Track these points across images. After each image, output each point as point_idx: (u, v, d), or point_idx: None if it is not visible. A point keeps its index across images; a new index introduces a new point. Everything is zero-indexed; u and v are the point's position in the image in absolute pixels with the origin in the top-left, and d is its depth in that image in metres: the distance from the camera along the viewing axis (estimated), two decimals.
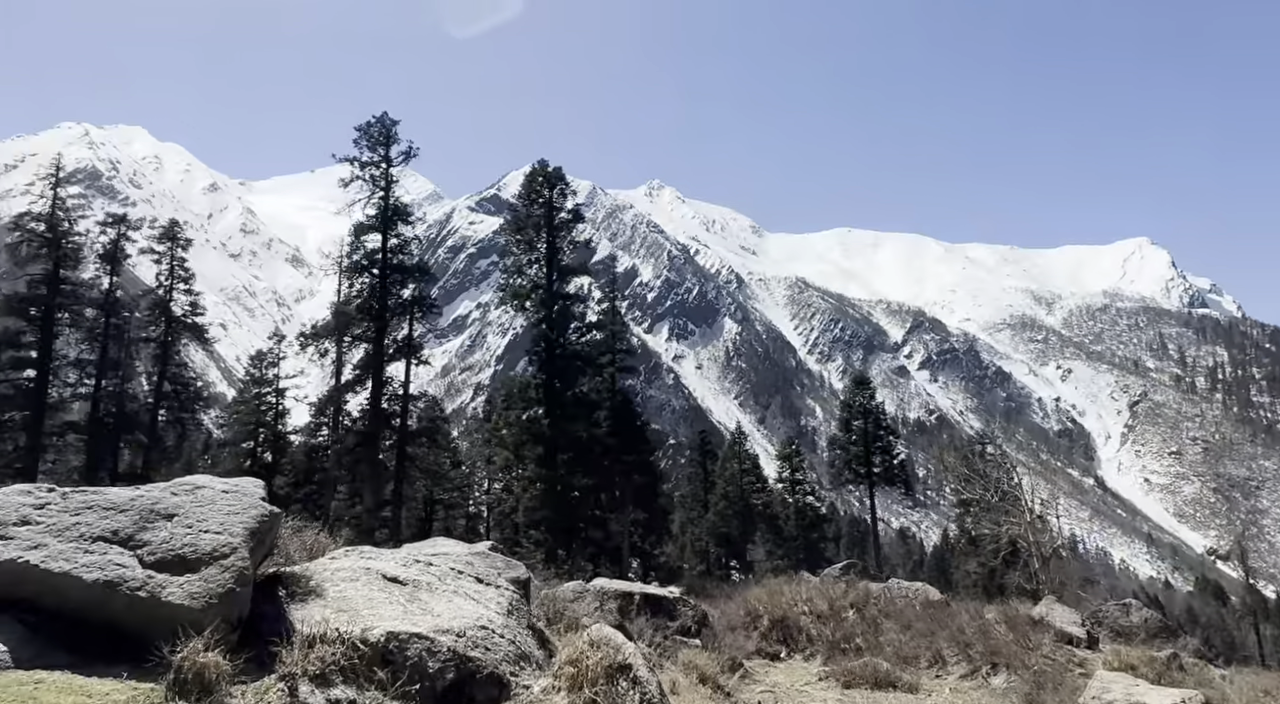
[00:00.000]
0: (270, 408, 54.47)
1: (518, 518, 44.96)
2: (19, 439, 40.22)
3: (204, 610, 5.00)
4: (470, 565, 7.52)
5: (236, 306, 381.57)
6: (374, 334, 36.18)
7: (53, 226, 39.81)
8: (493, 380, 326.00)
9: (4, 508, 5.38)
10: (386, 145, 35.14)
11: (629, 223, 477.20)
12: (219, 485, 5.98)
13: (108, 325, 41.67)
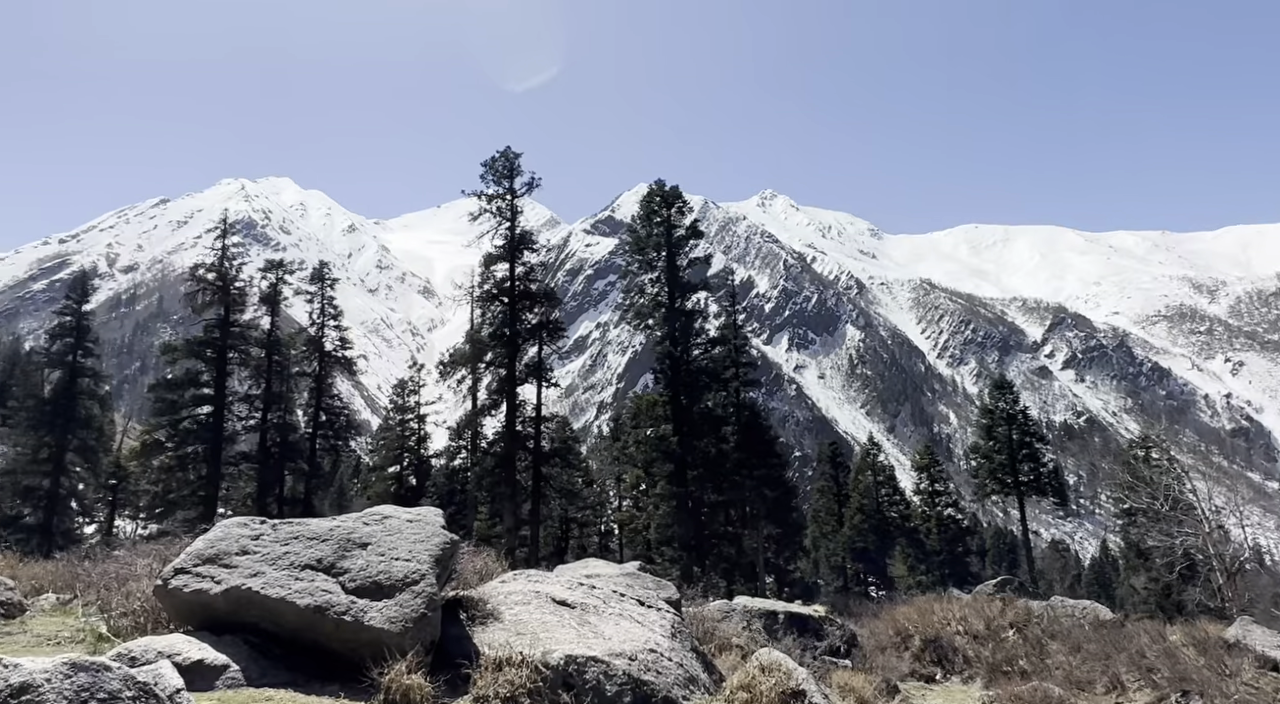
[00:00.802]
0: (413, 433, 57.71)
1: (650, 535, 45.31)
2: (201, 469, 44.36)
3: (401, 634, 5.36)
4: (630, 587, 7.69)
5: (376, 338, 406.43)
6: (506, 359, 37.64)
7: (221, 275, 44.01)
8: (615, 398, 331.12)
9: (226, 539, 5.99)
10: (510, 177, 36.66)
11: (742, 234, 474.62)
12: (404, 515, 6.42)
13: (270, 362, 45.44)
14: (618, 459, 48.99)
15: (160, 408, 43.95)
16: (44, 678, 2.92)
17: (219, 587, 5.63)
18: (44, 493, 47.45)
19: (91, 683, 3.03)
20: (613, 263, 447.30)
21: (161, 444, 43.48)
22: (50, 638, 6.88)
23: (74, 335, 49.02)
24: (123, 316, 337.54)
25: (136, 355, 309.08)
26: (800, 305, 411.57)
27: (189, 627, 6.05)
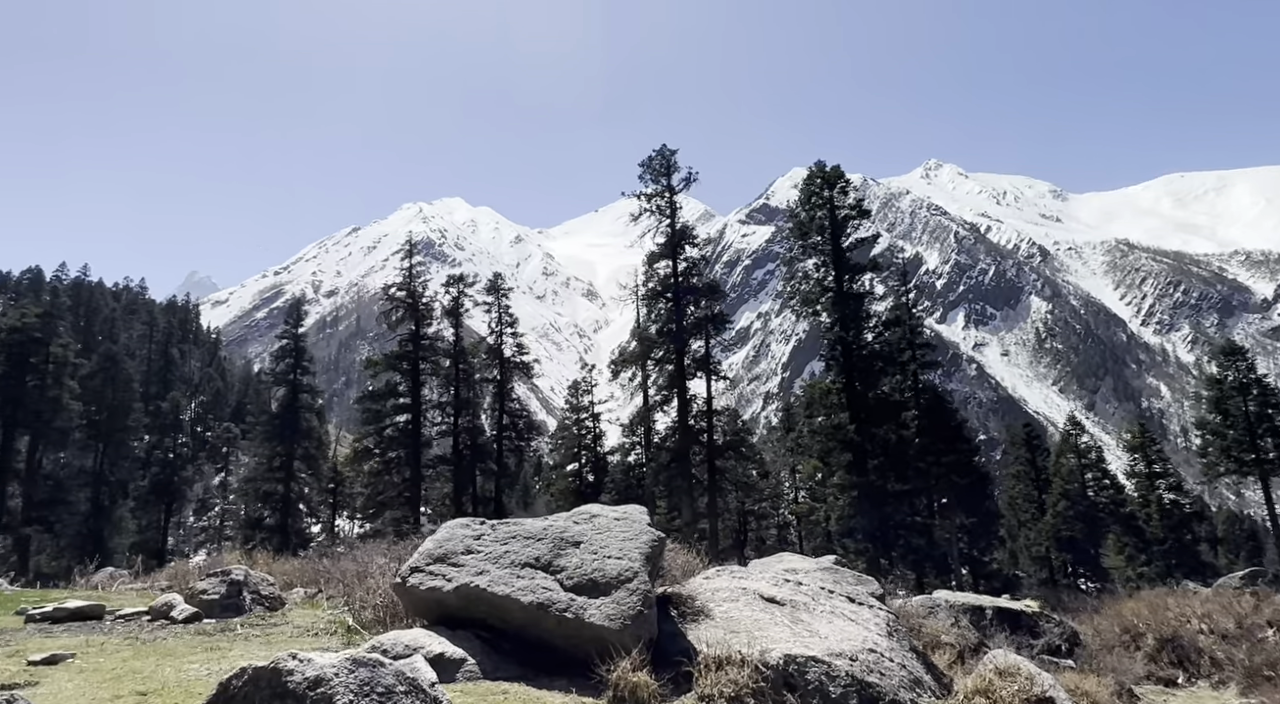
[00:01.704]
0: (588, 432, 59.73)
1: (830, 526, 44.13)
2: (404, 472, 48.36)
3: (621, 631, 5.46)
4: (837, 583, 7.42)
5: (546, 342, 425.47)
6: (674, 355, 38.06)
7: (411, 293, 47.85)
8: (781, 388, 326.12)
9: (452, 540, 6.38)
10: (668, 175, 36.97)
11: (906, 210, 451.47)
12: (611, 513, 6.55)
13: (457, 371, 48.76)
14: (792, 450, 48.10)
15: (367, 417, 48.47)
16: (333, 672, 3.19)
17: (450, 584, 6.01)
18: (279, 497, 53.63)
19: (370, 677, 3.28)
20: (770, 251, 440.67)
21: (370, 450, 47.89)
22: (308, 629, 7.68)
23: (293, 356, 55.14)
24: (328, 337, 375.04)
25: (341, 371, 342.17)
26: (976, 279, 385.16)
27: (424, 621, 6.51)
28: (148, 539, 59.99)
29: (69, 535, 51.80)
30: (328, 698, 3.12)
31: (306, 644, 6.79)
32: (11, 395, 46.83)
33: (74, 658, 5.76)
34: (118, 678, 5.17)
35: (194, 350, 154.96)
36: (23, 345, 46.74)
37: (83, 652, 6.01)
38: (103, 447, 55.54)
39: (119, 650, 6.24)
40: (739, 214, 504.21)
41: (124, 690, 4.82)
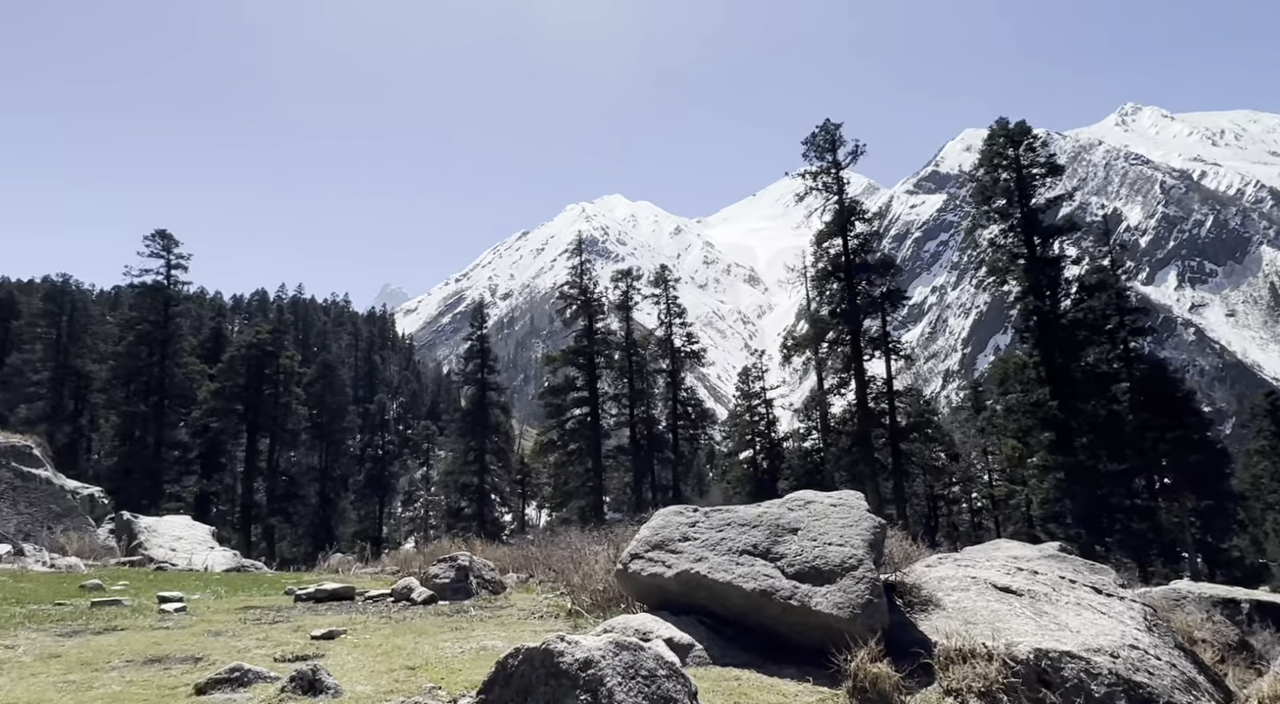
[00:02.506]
0: (761, 418, 59.19)
1: (1031, 511, 40.95)
2: (586, 463, 50.34)
3: (850, 620, 5.30)
4: (1078, 572, 6.82)
5: (710, 330, 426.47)
6: (848, 335, 36.81)
7: (583, 290, 49.70)
8: (961, 366, 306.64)
9: (668, 527, 6.49)
10: (833, 150, 35.74)
11: (1099, 162, 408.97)
12: (826, 500, 6.40)
13: (630, 363, 50.06)
14: (982, 430, 45.08)
15: (549, 411, 50.93)
16: (599, 654, 3.33)
17: (670, 571, 6.11)
18: (475, 488, 57.59)
19: (633, 660, 3.38)
20: (943, 220, 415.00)
21: (554, 443, 50.31)
22: (533, 612, 8.15)
23: (480, 357, 58.98)
24: (506, 337, 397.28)
25: (520, 368, 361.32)
26: (1189, 232, 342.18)
27: (642, 606, 6.68)
28: (366, 528, 66.62)
29: (304, 525, 58.58)
30: (598, 679, 3.24)
31: (535, 626, 7.19)
32: (251, 403, 53.59)
33: (346, 634, 6.45)
34: (387, 653, 5.71)
35: (392, 356, 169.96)
36: (259, 358, 53.32)
37: (350, 629, 6.71)
38: (325, 446, 62.15)
39: (380, 629, 6.91)
40: (905, 184, 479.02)
41: (395, 664, 5.31)
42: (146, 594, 9.44)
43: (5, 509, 25.24)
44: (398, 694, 4.56)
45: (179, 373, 52.25)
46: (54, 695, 4.41)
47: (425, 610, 8.39)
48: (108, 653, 5.53)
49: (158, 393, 51.58)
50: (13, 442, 25.87)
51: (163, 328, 51.77)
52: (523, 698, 3.31)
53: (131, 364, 51.55)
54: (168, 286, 52.68)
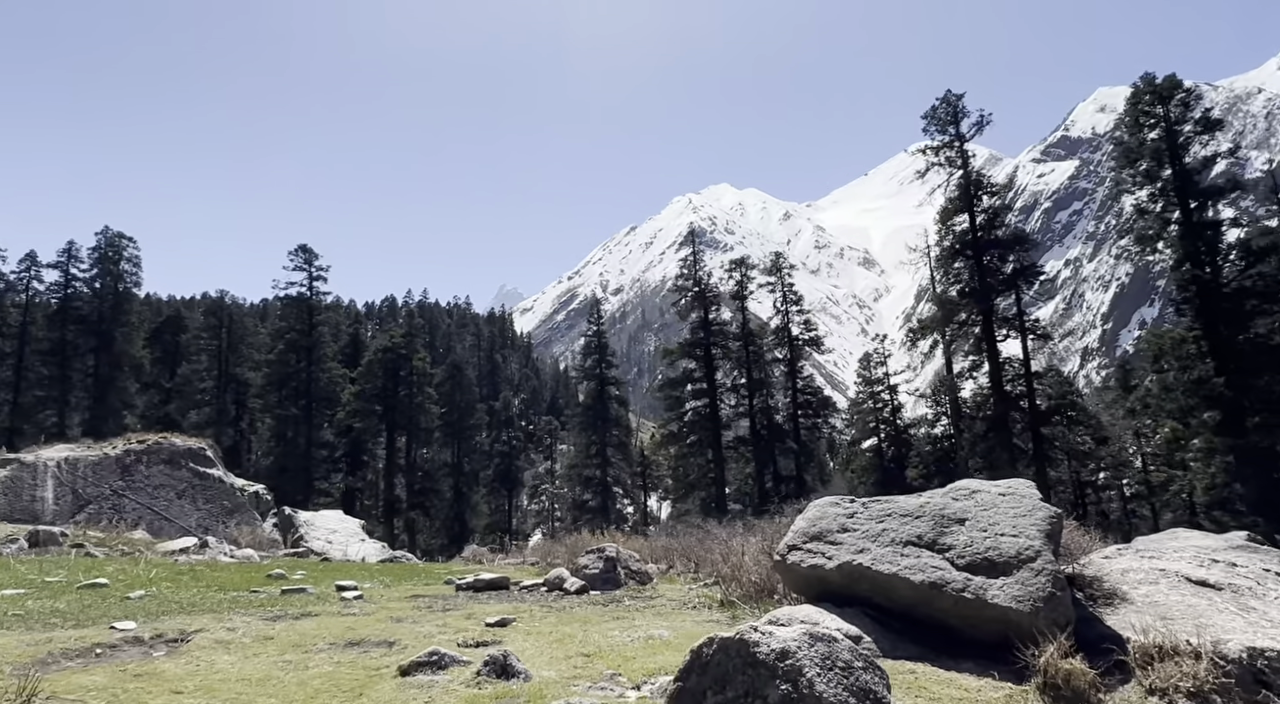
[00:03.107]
0: (885, 405, 57.40)
1: (1195, 498, 37.69)
2: (707, 454, 50.42)
3: (1032, 614, 5.09)
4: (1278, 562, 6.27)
5: (825, 316, 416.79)
6: (979, 315, 35.04)
7: (697, 282, 49.73)
8: (1102, 342, 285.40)
9: (825, 518, 6.43)
10: (955, 122, 34.06)
11: (1258, 112, 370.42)
12: (993, 489, 6.16)
13: (747, 353, 49.67)
14: (1134, 411, 41.84)
15: (668, 404, 51.31)
16: (795, 645, 3.36)
17: (831, 562, 6.06)
18: (598, 481, 58.82)
19: (829, 651, 3.39)
20: (1075, 188, 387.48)
21: (674, 435, 50.65)
22: (686, 602, 8.28)
23: (597, 352, 60.14)
24: (618, 331, 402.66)
25: (633, 362, 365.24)
26: None
27: (800, 598, 6.65)
28: (496, 520, 69.42)
29: (440, 518, 61.68)
30: (797, 669, 3.28)
31: (691, 617, 7.30)
32: (389, 403, 56.87)
33: (516, 622, 6.78)
34: (559, 640, 5.96)
35: (512, 354, 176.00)
36: (394, 361, 56.50)
37: (518, 617, 7.05)
38: (456, 442, 65.12)
39: (545, 617, 7.22)
40: (1031, 152, 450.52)
41: (571, 651, 5.54)
42: (324, 583, 10.23)
43: (187, 506, 27.89)
44: (582, 679, 4.76)
45: (323, 377, 56.11)
46: (278, 673, 4.87)
47: (580, 600, 8.69)
48: (312, 636, 6.05)
49: (306, 396, 55.62)
50: (190, 445, 28.56)
51: (308, 336, 55.72)
52: (720, 686, 3.39)
53: (282, 370, 55.78)
54: (310, 297, 56.62)
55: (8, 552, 14.79)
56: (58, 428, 54.16)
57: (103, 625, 6.16)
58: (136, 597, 8.08)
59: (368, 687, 4.57)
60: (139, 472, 26.56)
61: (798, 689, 3.20)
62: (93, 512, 24.42)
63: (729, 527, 12.61)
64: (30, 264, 58.24)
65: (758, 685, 3.28)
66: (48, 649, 5.24)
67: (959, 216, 34.72)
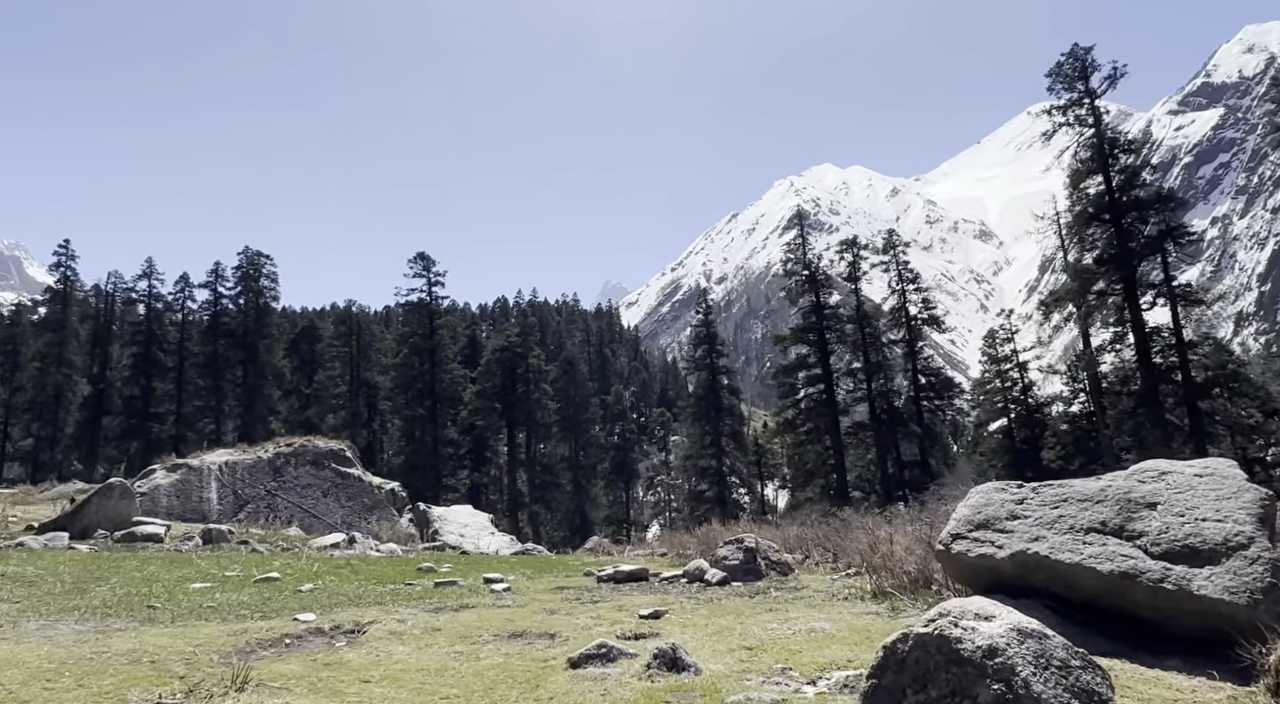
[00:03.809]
0: (1014, 383, 54.40)
1: None
2: (825, 441, 49.32)
3: (1250, 606, 4.61)
4: None
5: (940, 294, 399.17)
6: (1120, 284, 32.51)
7: (806, 265, 48.64)
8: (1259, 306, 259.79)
9: (990, 505, 6.06)
10: (1084, 77, 31.67)
11: None
12: (1188, 470, 5.63)
13: (863, 336, 48.19)
14: None
15: (783, 391, 50.53)
16: (1003, 642, 3.14)
17: (1002, 551, 5.70)
18: (714, 471, 58.67)
19: (1041, 649, 3.15)
20: (1220, 139, 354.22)
21: (790, 422, 49.80)
22: (834, 593, 8.05)
23: (707, 342, 59.91)
24: (724, 320, 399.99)
25: (740, 350, 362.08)
26: None
27: (965, 590, 6.30)
28: (614, 512, 70.50)
29: (561, 510, 63.26)
30: (1009, 668, 3.05)
31: (847, 609, 7.07)
32: (508, 401, 58.75)
33: (669, 614, 6.76)
34: (717, 633, 5.90)
35: (620, 348, 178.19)
36: (511, 360, 58.30)
37: (668, 609, 7.03)
38: (574, 436, 66.51)
39: (696, 609, 7.18)
40: (1167, 104, 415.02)
41: (732, 644, 5.46)
42: (471, 576, 10.59)
43: (332, 503, 29.68)
44: (752, 674, 4.67)
45: (446, 378, 58.55)
46: (453, 664, 5.03)
47: (725, 591, 8.60)
48: (475, 628, 6.24)
49: (430, 397, 58.22)
50: (331, 446, 30.37)
51: (429, 339, 58.28)
52: (921, 684, 3.20)
53: (408, 373, 58.60)
54: (430, 302, 59.16)
55: (186, 548, 16.18)
56: (215, 434, 59.07)
57: (286, 617, 6.57)
58: (307, 590, 8.60)
59: (541, 678, 4.64)
60: (288, 473, 28.48)
61: (1011, 689, 2.97)
62: (251, 510, 26.38)
63: (869, 515, 12.21)
64: (184, 285, 63.65)
65: (965, 685, 3.07)
66: (244, 639, 5.63)
67: (1092, 179, 32.30)
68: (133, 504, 19.16)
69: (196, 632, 5.85)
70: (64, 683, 4.24)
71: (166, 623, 6.24)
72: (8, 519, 20.75)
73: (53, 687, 4.17)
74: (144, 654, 4.99)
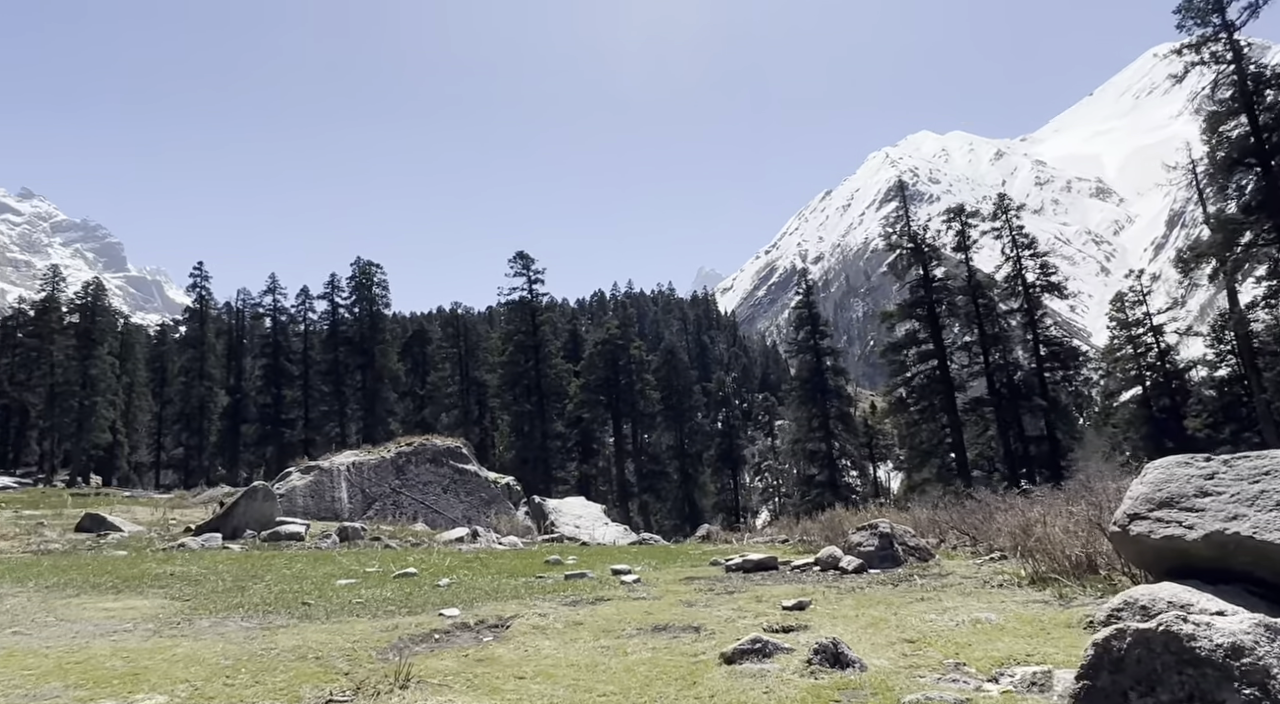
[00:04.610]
0: (1148, 348, 50.65)
1: None
2: (940, 419, 47.32)
3: None
4: None
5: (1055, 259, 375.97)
6: (1274, 233, 29.48)
7: (911, 238, 46.68)
8: None
9: (1174, 482, 5.47)
10: (1220, 9, 28.84)
11: None
12: None
13: (977, 307, 45.85)
14: None
15: (892, 369, 48.74)
16: (1250, 640, 2.75)
17: (1194, 532, 5.13)
18: (823, 454, 57.41)
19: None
20: None
21: (902, 401, 48.03)
22: (985, 580, 7.55)
23: (810, 324, 58.60)
24: (822, 300, 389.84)
25: (841, 330, 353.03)
26: None
27: (1144, 575, 5.75)
28: (723, 499, 70.16)
29: (670, 499, 63.48)
30: (1262, 670, 2.66)
31: (1008, 597, 6.59)
32: (612, 392, 59.36)
33: (813, 604, 6.49)
34: (871, 625, 5.59)
35: (718, 334, 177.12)
36: (612, 352, 58.84)
37: (810, 599, 6.75)
38: (678, 425, 66.58)
39: (840, 599, 6.88)
40: None
41: (891, 637, 5.15)
42: (597, 567, 10.60)
43: (452, 499, 30.70)
44: (921, 669, 4.35)
45: (550, 373, 59.71)
46: (602, 659, 4.94)
47: (864, 580, 8.23)
48: (616, 621, 6.16)
49: (536, 393, 59.52)
50: (448, 444, 31.42)
51: (532, 336, 59.56)
52: (1148, 687, 2.84)
53: (514, 370, 60.10)
54: (531, 299, 60.41)
55: (325, 546, 17.05)
56: (340, 437, 62.48)
57: (432, 612, 6.70)
58: (444, 584, 8.80)
59: (696, 675, 4.48)
60: (410, 471, 29.67)
61: (1269, 695, 2.57)
62: (378, 508, 27.62)
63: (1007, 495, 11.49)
64: (304, 297, 67.51)
65: (1205, 688, 2.69)
66: (396, 635, 5.74)
67: (1234, 120, 29.45)
68: (275, 505, 20.39)
69: (351, 628, 6.03)
70: (241, 679, 4.41)
71: (322, 619, 6.47)
72: (168, 522, 22.51)
73: (233, 683, 4.34)
74: (308, 650, 5.15)
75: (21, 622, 6.22)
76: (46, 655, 4.97)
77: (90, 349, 60.72)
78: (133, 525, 21.81)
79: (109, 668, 4.62)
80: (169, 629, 6.01)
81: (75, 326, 63.15)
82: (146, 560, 11.75)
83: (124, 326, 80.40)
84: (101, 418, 60.52)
